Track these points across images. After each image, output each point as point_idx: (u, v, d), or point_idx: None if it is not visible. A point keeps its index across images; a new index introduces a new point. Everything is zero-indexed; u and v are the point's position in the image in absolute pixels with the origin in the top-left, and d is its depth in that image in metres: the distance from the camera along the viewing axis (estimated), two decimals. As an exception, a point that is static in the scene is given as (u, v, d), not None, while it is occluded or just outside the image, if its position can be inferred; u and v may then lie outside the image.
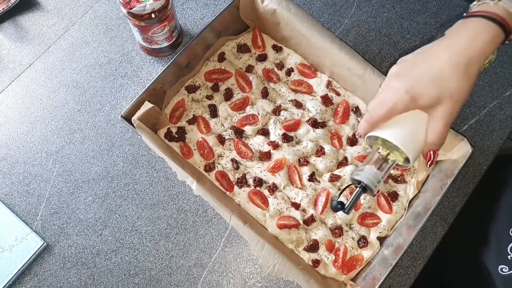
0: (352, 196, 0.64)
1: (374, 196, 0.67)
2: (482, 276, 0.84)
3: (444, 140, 0.60)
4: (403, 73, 0.60)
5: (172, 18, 0.89)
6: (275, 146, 0.89)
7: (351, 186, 0.66)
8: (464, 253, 0.90)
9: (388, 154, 0.63)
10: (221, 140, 0.90)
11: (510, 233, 0.80)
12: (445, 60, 0.57)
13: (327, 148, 0.89)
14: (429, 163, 0.84)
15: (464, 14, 0.62)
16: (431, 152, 0.83)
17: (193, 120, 0.90)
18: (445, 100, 0.57)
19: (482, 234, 0.87)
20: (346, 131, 0.92)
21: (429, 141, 0.60)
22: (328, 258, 0.83)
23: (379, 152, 0.64)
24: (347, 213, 0.64)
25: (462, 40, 0.58)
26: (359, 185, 0.63)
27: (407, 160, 0.62)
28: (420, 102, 0.58)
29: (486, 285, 0.83)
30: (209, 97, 0.93)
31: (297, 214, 0.85)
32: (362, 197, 0.85)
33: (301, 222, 0.84)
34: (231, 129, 0.90)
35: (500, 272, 0.81)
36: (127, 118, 0.82)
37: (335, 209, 0.64)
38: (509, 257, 0.79)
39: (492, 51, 0.58)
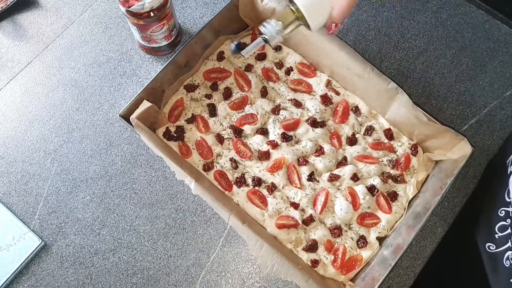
0: (253, 42, 0.74)
1: (272, 47, 0.76)
2: (473, 254, 0.84)
3: (345, 15, 0.66)
4: None
5: (171, 16, 0.88)
6: (274, 145, 0.88)
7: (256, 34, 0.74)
8: (458, 233, 0.90)
9: (296, 15, 0.69)
10: (220, 139, 0.89)
11: (499, 213, 0.80)
12: None
13: (327, 147, 0.89)
14: (330, 32, 0.83)
15: None
16: (333, 25, 0.82)
17: (192, 119, 0.90)
18: None
19: (474, 214, 0.88)
20: (345, 130, 0.91)
21: (333, 14, 0.66)
22: (327, 258, 0.82)
23: (291, 9, 0.69)
24: (243, 54, 0.74)
25: None
26: (262, 36, 0.72)
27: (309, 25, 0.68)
28: None
29: (476, 264, 0.83)
30: (208, 96, 0.92)
31: (296, 214, 0.84)
32: (361, 197, 0.85)
33: (300, 222, 0.84)
34: (230, 128, 0.90)
35: (487, 249, 0.81)
36: (126, 117, 0.82)
37: (234, 51, 0.75)
38: (496, 236, 0.80)
39: None
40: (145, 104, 0.81)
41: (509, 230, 0.76)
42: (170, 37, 0.93)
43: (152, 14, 0.83)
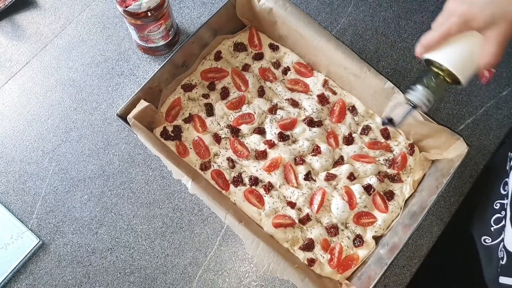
0: (403, 113, 0.69)
1: (424, 112, 0.73)
2: (470, 250, 0.84)
3: (498, 60, 0.60)
4: None
5: (168, 16, 0.89)
6: (271, 145, 0.89)
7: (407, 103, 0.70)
8: (455, 231, 0.90)
9: (441, 75, 0.65)
10: (217, 139, 0.89)
11: (494, 206, 0.81)
12: None
13: (323, 147, 0.89)
14: (484, 81, 0.81)
15: None
16: (487, 71, 0.80)
17: (189, 119, 0.90)
18: (499, 22, 0.58)
19: (471, 207, 0.88)
20: (342, 130, 0.91)
21: (482, 62, 0.61)
22: (323, 257, 0.83)
23: (434, 73, 0.66)
24: (397, 127, 0.73)
25: None
26: (411, 103, 0.67)
27: (459, 81, 0.64)
28: (474, 24, 0.59)
29: (472, 258, 0.83)
30: (205, 96, 0.92)
31: (292, 213, 0.84)
32: (358, 196, 0.86)
33: (296, 221, 0.84)
34: (227, 128, 0.90)
35: (483, 242, 0.82)
36: (123, 116, 0.82)
37: (384, 123, 0.74)
38: (492, 228, 0.80)
39: None
40: (143, 104, 0.82)
41: (503, 222, 0.77)
42: (167, 37, 0.93)
43: (149, 14, 0.83)
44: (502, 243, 0.76)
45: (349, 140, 0.91)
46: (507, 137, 0.95)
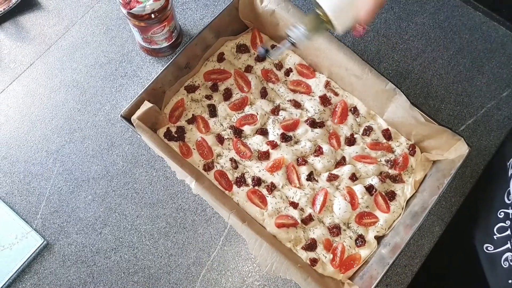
0: (281, 46, 0.75)
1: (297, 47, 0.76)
2: (470, 254, 0.85)
3: (371, 18, 0.67)
4: None
5: (172, 18, 0.89)
6: (274, 145, 0.89)
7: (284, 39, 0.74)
8: (456, 232, 0.91)
9: (323, 19, 0.70)
10: (220, 139, 0.90)
11: (498, 214, 0.81)
12: None
13: (325, 147, 0.90)
14: (356, 34, 0.82)
15: None
16: (360, 27, 0.82)
17: (192, 120, 0.91)
18: None
19: (471, 215, 0.89)
20: (344, 131, 0.92)
21: (359, 17, 0.67)
22: (326, 257, 0.83)
23: (317, 13, 0.70)
24: (271, 57, 0.79)
25: None
26: (289, 39, 0.73)
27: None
28: None
29: (473, 263, 0.84)
30: (208, 97, 0.93)
31: (295, 213, 0.85)
32: (359, 196, 0.86)
33: (299, 221, 0.85)
34: (230, 128, 0.91)
35: (485, 250, 0.82)
36: (127, 117, 0.83)
37: (262, 54, 0.79)
38: (495, 237, 0.81)
39: None
40: (146, 105, 0.82)
41: (508, 232, 0.77)
42: (170, 38, 0.94)
43: (153, 16, 0.84)
44: (508, 253, 0.76)
45: (351, 141, 0.91)
46: (506, 138, 0.95)
